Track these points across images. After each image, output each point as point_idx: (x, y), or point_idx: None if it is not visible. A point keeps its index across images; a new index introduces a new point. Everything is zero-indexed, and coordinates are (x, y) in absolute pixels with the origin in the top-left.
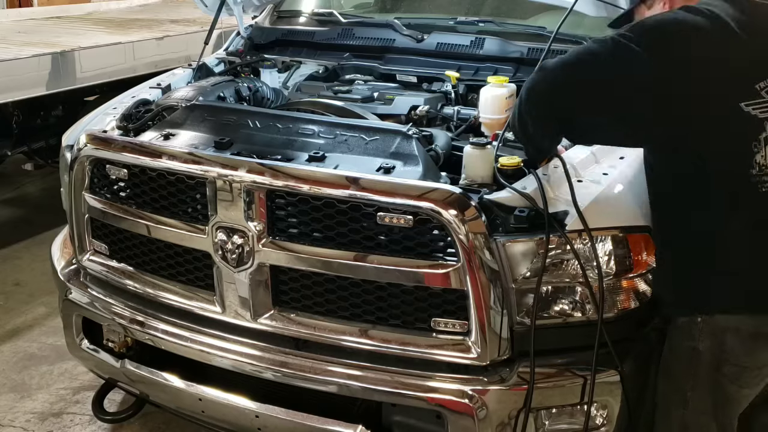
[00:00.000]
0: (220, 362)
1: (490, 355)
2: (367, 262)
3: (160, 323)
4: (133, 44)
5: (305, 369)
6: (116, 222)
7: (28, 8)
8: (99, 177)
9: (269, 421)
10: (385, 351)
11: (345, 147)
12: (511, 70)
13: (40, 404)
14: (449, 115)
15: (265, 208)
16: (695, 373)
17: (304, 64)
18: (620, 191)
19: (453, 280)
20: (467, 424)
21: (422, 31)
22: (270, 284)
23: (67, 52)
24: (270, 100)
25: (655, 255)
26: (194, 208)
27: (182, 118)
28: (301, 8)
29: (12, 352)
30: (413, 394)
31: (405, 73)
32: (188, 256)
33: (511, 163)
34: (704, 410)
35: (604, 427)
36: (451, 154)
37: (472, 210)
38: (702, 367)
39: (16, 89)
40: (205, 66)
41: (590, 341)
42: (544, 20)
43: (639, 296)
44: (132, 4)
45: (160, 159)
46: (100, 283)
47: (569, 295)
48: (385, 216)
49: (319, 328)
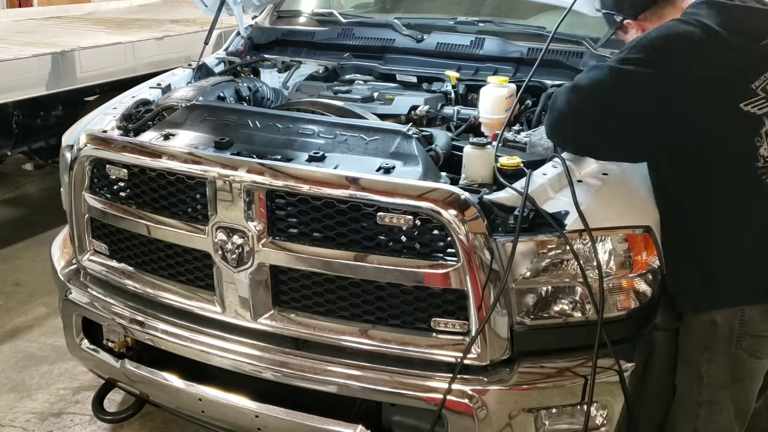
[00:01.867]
0: (219, 362)
1: (490, 355)
2: (367, 262)
3: (160, 323)
4: (133, 44)
5: (305, 369)
6: (116, 222)
7: (28, 8)
8: (99, 177)
9: (269, 421)
10: (385, 351)
11: (345, 147)
12: (510, 70)
13: (40, 404)
14: (449, 115)
15: (265, 208)
16: (711, 347)
17: (304, 64)
18: (620, 191)
19: (453, 280)
20: (467, 424)
21: (422, 31)
22: (270, 284)
23: (67, 52)
24: (270, 100)
25: (666, 255)
26: (194, 208)
27: (182, 118)
28: (301, 8)
29: (12, 352)
30: (413, 394)
31: (405, 73)
32: (188, 256)
33: (511, 163)
34: (721, 385)
35: (604, 427)
36: (451, 154)
37: (472, 210)
38: (718, 340)
39: (16, 89)
40: (205, 66)
41: (590, 341)
42: (544, 20)
43: (639, 296)
44: (132, 4)
45: (160, 159)
46: (100, 283)
47: (569, 295)
48: (385, 216)
49: (319, 328)
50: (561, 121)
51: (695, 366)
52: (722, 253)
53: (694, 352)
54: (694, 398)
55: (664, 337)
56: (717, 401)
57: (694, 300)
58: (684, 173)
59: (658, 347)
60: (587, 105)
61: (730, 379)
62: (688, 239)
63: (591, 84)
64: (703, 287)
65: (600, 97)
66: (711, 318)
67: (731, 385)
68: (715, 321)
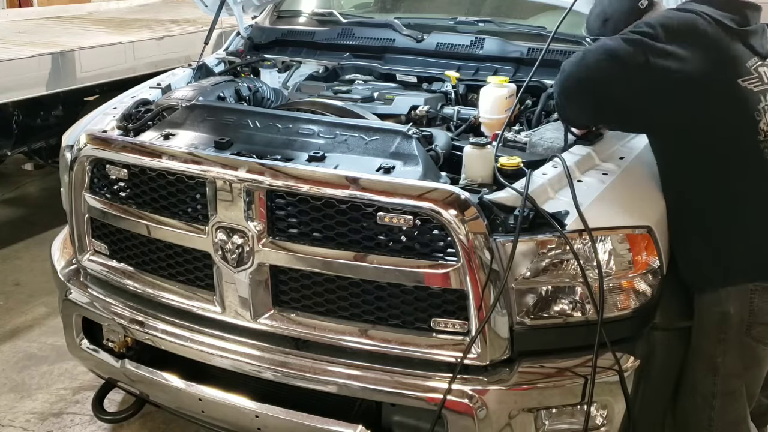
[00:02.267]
0: (220, 362)
1: (490, 355)
2: (367, 262)
3: (160, 323)
4: (133, 44)
5: (305, 369)
6: (116, 222)
7: (28, 8)
8: (99, 177)
9: (269, 421)
10: (385, 351)
11: (345, 147)
12: (511, 69)
13: (40, 404)
14: (449, 115)
15: (265, 208)
16: (725, 338)
17: (304, 64)
18: (620, 191)
19: (453, 280)
20: (467, 424)
21: (422, 31)
22: (270, 284)
23: (67, 52)
24: (270, 100)
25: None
26: (194, 208)
27: (182, 118)
28: (301, 8)
29: (12, 352)
30: (413, 394)
31: (405, 73)
32: (188, 256)
33: (511, 163)
34: (736, 374)
35: (604, 427)
36: (451, 154)
37: (472, 210)
38: (731, 330)
39: (16, 89)
40: (205, 66)
41: (590, 341)
42: (544, 20)
43: (639, 296)
44: (132, 4)
45: (160, 159)
46: (100, 283)
47: (569, 295)
48: (385, 216)
49: (319, 328)
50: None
51: (710, 358)
52: (725, 224)
53: (708, 345)
54: (709, 390)
55: (664, 337)
56: (733, 390)
57: (705, 277)
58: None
59: (658, 347)
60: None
61: (743, 368)
62: (696, 214)
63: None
64: (714, 262)
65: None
66: (723, 310)
67: (744, 374)
68: (728, 312)
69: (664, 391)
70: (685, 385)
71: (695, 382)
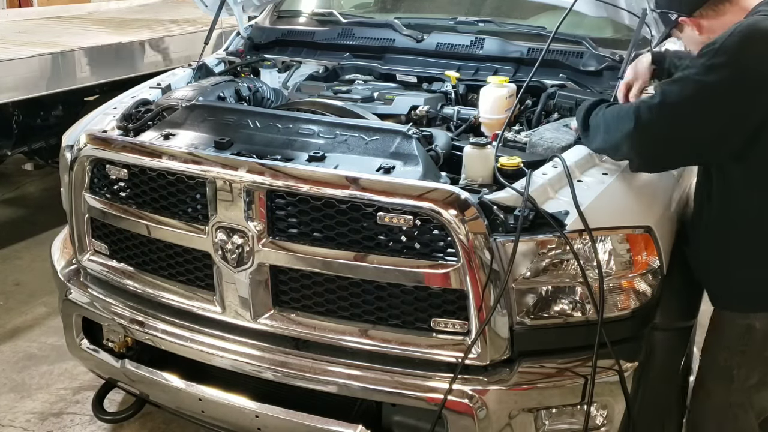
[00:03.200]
0: (220, 362)
1: (490, 355)
2: (367, 262)
3: (160, 323)
4: (133, 44)
5: (305, 369)
6: (116, 222)
7: (28, 8)
8: (99, 177)
9: (269, 421)
10: (385, 351)
11: (345, 147)
12: (511, 70)
13: (40, 404)
14: (449, 115)
15: (265, 208)
16: (745, 351)
17: (304, 64)
18: (620, 191)
19: (453, 280)
20: (467, 424)
21: (422, 31)
22: (270, 284)
23: (67, 52)
24: (270, 100)
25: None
26: (194, 208)
27: (182, 118)
28: (301, 8)
29: (12, 352)
30: (413, 394)
31: (405, 73)
32: (188, 256)
33: (511, 163)
34: (751, 386)
35: (604, 427)
36: (451, 154)
37: (472, 210)
38: (755, 344)
39: (16, 89)
40: (205, 66)
41: (590, 341)
42: (544, 20)
43: (639, 296)
44: (132, 4)
45: (160, 159)
46: (100, 283)
47: (569, 295)
48: (385, 216)
49: (319, 328)
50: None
51: (727, 367)
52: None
53: (725, 354)
54: (724, 399)
55: (664, 337)
56: (744, 402)
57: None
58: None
59: (658, 347)
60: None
61: (759, 381)
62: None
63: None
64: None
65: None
66: (749, 323)
67: (761, 387)
68: (753, 326)
69: (664, 391)
70: (699, 393)
71: (709, 389)
